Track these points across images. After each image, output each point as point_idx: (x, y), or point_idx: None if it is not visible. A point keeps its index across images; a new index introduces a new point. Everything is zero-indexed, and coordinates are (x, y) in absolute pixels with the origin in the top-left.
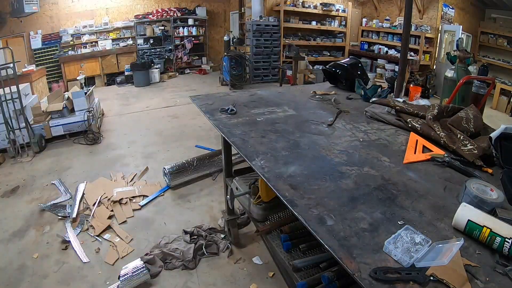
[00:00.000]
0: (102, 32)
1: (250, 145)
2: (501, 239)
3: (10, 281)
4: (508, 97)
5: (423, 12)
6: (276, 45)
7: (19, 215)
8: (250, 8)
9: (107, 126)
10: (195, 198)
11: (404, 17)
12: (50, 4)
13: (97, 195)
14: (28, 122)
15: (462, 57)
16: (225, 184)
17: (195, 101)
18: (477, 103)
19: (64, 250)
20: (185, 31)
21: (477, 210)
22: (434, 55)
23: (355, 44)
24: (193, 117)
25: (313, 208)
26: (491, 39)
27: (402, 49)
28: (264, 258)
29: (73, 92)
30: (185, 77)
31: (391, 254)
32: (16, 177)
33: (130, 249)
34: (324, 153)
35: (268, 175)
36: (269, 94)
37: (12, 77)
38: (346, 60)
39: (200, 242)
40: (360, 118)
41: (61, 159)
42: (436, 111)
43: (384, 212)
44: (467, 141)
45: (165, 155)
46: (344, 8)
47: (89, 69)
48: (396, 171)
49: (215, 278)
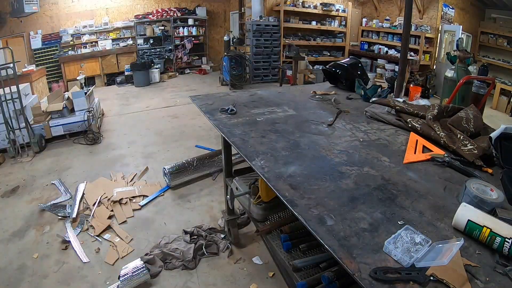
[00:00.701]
0: (102, 32)
1: (250, 145)
2: (501, 239)
3: (10, 281)
4: (508, 97)
5: (423, 12)
6: (276, 45)
7: (19, 215)
8: (250, 8)
9: (107, 126)
10: (195, 198)
11: (404, 17)
12: (50, 4)
13: (97, 195)
14: (28, 122)
15: (462, 57)
16: (225, 184)
17: (195, 101)
18: (477, 103)
19: (64, 250)
20: (185, 31)
21: (477, 210)
22: (434, 55)
23: (355, 44)
24: (193, 117)
25: (313, 208)
26: (491, 39)
27: (402, 49)
28: (264, 258)
29: (73, 92)
30: (185, 77)
31: (391, 254)
32: (16, 177)
33: (130, 249)
34: (324, 153)
35: (268, 175)
36: (269, 94)
37: (12, 77)
38: (346, 60)
39: (200, 242)
40: (360, 118)
41: (61, 159)
42: (436, 111)
43: (384, 212)
44: (467, 141)
45: (165, 155)
46: (344, 8)
47: (89, 69)
48: (396, 171)
49: (215, 278)
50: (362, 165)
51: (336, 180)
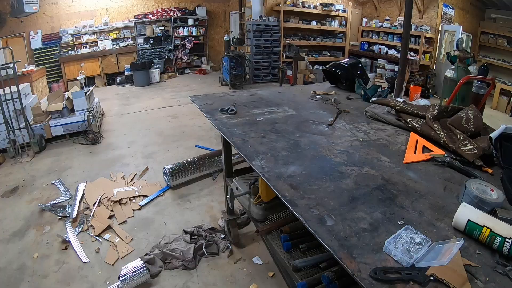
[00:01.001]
0: (102, 32)
1: (250, 145)
2: (501, 239)
3: (10, 281)
4: (508, 97)
5: (423, 12)
6: (276, 45)
7: (19, 215)
8: (250, 8)
9: (107, 126)
10: (195, 198)
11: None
12: (50, 4)
13: (97, 195)
14: (28, 122)
15: (462, 57)
16: (225, 184)
17: (195, 101)
18: (477, 103)
19: (64, 250)
20: (185, 31)
21: (477, 210)
22: (434, 55)
23: (355, 44)
24: (193, 117)
25: (313, 208)
26: (491, 39)
27: (402, 49)
28: (264, 258)
29: (73, 92)
30: (185, 77)
31: (391, 254)
32: (16, 177)
33: (130, 249)
34: (324, 153)
35: (268, 175)
36: (269, 94)
37: (12, 77)
38: (346, 60)
39: (200, 242)
40: (360, 118)
41: (61, 159)
42: (436, 111)
43: (384, 212)
44: (467, 141)
45: (165, 155)
46: (344, 8)
47: (89, 69)
48: (396, 171)
49: (215, 278)
50: (362, 165)
51: (336, 180)
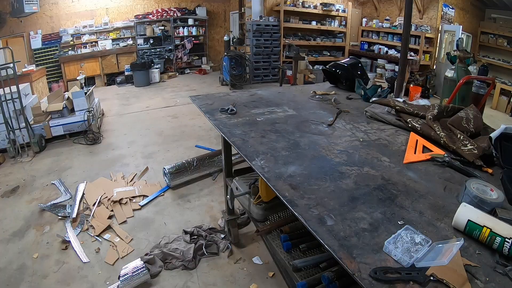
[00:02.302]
0: (102, 32)
1: (250, 145)
2: (501, 239)
3: (10, 281)
4: (508, 97)
5: (423, 12)
6: (276, 45)
7: (19, 215)
8: (250, 8)
9: (107, 126)
10: (195, 198)
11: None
12: (50, 4)
13: (97, 195)
14: (28, 122)
15: (462, 57)
16: (225, 184)
17: (195, 101)
18: (477, 103)
19: (64, 250)
20: (185, 31)
21: (477, 210)
22: (434, 55)
23: (355, 44)
24: (193, 117)
25: (313, 208)
26: (491, 39)
27: (402, 49)
28: (264, 258)
29: (73, 92)
30: (185, 77)
31: (391, 254)
32: (16, 177)
33: (130, 249)
34: (324, 153)
35: (268, 175)
36: (269, 94)
37: (12, 77)
38: (346, 60)
39: (200, 242)
40: (360, 118)
41: (61, 159)
42: (436, 111)
43: (384, 212)
44: (467, 141)
45: (165, 155)
46: (344, 8)
47: (89, 69)
48: (396, 171)
49: (215, 278)
50: (362, 165)
51: (336, 180)
